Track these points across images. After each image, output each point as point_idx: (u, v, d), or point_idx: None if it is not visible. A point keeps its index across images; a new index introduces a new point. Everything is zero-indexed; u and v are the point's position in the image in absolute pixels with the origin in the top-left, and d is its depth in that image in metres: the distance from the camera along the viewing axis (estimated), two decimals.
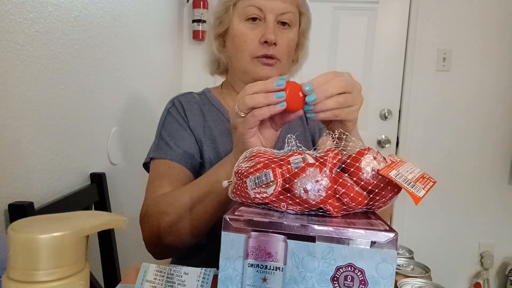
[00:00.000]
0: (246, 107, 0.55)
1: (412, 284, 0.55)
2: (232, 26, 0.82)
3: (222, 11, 0.83)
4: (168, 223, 0.68)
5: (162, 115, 0.87)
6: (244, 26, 0.80)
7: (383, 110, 2.18)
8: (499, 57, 2.08)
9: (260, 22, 0.79)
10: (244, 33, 0.79)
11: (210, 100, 0.89)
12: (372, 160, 0.46)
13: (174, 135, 0.82)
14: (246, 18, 0.79)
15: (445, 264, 2.20)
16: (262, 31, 0.78)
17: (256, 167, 0.47)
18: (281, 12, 0.79)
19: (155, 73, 1.77)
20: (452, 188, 2.14)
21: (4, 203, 0.83)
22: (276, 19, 0.79)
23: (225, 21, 0.83)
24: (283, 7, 0.78)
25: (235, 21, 0.81)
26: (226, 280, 0.42)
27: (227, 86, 0.92)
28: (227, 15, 0.82)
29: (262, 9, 0.78)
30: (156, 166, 0.80)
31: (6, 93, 0.82)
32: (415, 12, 2.09)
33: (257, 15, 0.79)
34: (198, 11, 2.08)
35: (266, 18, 0.78)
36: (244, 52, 0.80)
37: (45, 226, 0.29)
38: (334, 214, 0.45)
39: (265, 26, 0.78)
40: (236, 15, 0.81)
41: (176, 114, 0.85)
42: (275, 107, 0.54)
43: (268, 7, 0.78)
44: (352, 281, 0.40)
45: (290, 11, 0.80)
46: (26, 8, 0.87)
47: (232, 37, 0.82)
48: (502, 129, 2.12)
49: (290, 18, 0.80)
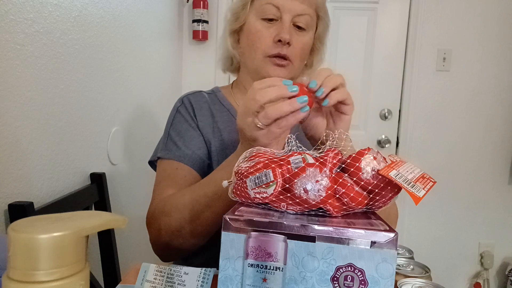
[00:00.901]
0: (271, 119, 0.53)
1: (412, 284, 0.55)
2: (248, 23, 0.81)
3: (239, 7, 0.83)
4: (175, 227, 0.68)
5: (171, 114, 0.86)
6: (260, 23, 0.79)
7: (383, 110, 2.18)
8: (499, 57, 2.08)
9: (276, 22, 0.79)
10: (259, 30, 0.79)
11: (219, 99, 0.88)
12: (372, 160, 0.46)
13: (182, 135, 0.81)
14: (262, 17, 0.79)
15: (445, 264, 2.20)
16: (277, 30, 0.78)
17: (256, 167, 0.47)
18: (298, 13, 0.78)
19: (155, 73, 1.77)
20: (452, 188, 2.15)
21: (4, 203, 0.83)
22: (292, 20, 0.78)
23: (241, 17, 0.82)
24: (301, 8, 0.78)
25: (252, 18, 0.80)
26: (226, 280, 0.42)
27: (238, 85, 0.91)
28: (244, 11, 0.81)
29: (279, 8, 0.77)
30: (164, 167, 0.80)
31: (6, 93, 0.82)
32: (415, 12, 2.09)
33: (274, 15, 0.78)
34: (198, 11, 2.08)
35: (283, 18, 0.78)
36: (258, 50, 0.79)
37: (45, 226, 0.29)
38: (334, 214, 0.45)
39: (281, 26, 0.78)
40: (253, 12, 0.80)
41: (185, 113, 0.84)
42: (299, 113, 0.53)
43: (286, 6, 0.77)
44: (352, 281, 0.40)
45: (308, 14, 0.79)
46: (26, 8, 0.87)
47: (247, 34, 0.81)
48: (502, 129, 2.12)
49: (307, 21, 0.79)
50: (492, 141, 2.13)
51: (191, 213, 0.66)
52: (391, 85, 2.17)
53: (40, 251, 0.28)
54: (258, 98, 0.53)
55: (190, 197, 0.68)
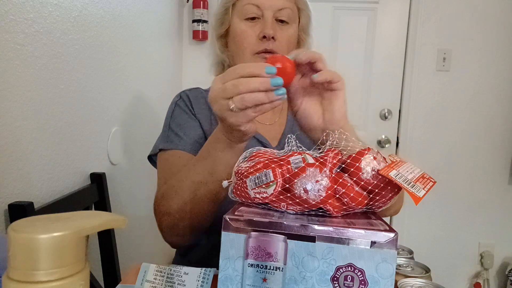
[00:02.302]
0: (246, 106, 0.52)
1: (412, 284, 0.55)
2: (232, 25, 0.84)
3: (222, 12, 0.86)
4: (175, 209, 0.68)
5: (170, 108, 0.88)
6: (244, 24, 0.82)
7: (383, 110, 2.18)
8: (498, 57, 2.08)
9: (259, 20, 0.81)
10: (244, 30, 0.82)
11: None
12: (372, 160, 0.46)
13: (183, 126, 0.83)
14: (245, 17, 0.82)
15: (445, 264, 2.20)
16: (260, 28, 0.80)
17: (256, 167, 0.47)
18: (278, 8, 0.81)
19: (155, 73, 1.77)
20: (452, 188, 2.15)
21: (4, 203, 0.83)
22: (274, 16, 0.81)
23: (225, 21, 0.85)
24: (280, 3, 0.80)
25: (235, 21, 0.83)
26: (226, 280, 0.42)
27: None
28: (227, 15, 0.85)
29: (259, 6, 0.80)
30: (166, 157, 0.81)
31: (6, 93, 0.82)
32: (415, 12, 2.09)
33: (255, 13, 0.81)
34: (198, 11, 2.08)
35: (264, 15, 0.80)
36: (245, 50, 0.82)
37: (45, 226, 0.29)
38: (334, 214, 0.45)
39: (263, 23, 0.80)
40: (235, 14, 0.83)
41: (183, 106, 0.86)
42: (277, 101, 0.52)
43: (265, 4, 0.80)
44: (352, 281, 0.40)
45: (288, 7, 0.82)
46: (26, 8, 0.87)
47: (233, 36, 0.84)
48: (502, 129, 2.12)
49: (288, 14, 0.82)
50: (492, 141, 2.13)
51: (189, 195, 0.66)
52: (391, 85, 2.17)
53: (40, 251, 0.28)
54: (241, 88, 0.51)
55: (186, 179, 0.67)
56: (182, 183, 0.68)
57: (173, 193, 0.68)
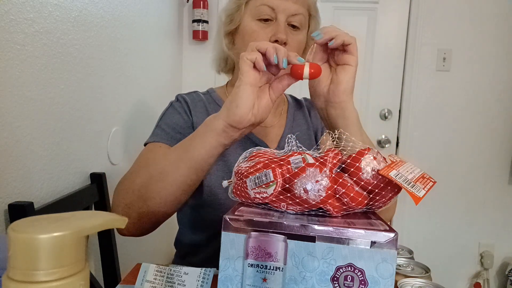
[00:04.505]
0: (252, 49, 0.59)
1: (412, 284, 0.55)
2: (243, 24, 0.82)
3: (233, 9, 0.84)
4: (138, 183, 0.66)
5: (164, 109, 0.87)
6: (255, 24, 0.81)
7: (383, 110, 2.18)
8: (499, 57, 2.08)
9: (271, 22, 0.80)
10: (255, 31, 0.80)
11: (214, 99, 0.89)
12: (372, 160, 0.46)
13: (172, 124, 0.81)
14: (258, 18, 0.80)
15: (445, 264, 2.20)
16: (273, 31, 0.79)
17: (256, 167, 0.47)
18: (293, 13, 0.79)
19: (155, 73, 1.77)
20: (452, 188, 2.15)
21: (4, 203, 0.83)
22: (287, 20, 0.80)
23: (236, 19, 0.83)
24: (294, 8, 0.79)
25: (247, 19, 0.82)
26: (226, 280, 0.42)
27: (232, 84, 0.92)
28: (239, 13, 0.83)
29: (274, 9, 0.79)
30: (148, 148, 0.79)
31: (6, 93, 0.82)
32: (415, 12, 2.09)
33: (269, 15, 0.79)
34: (198, 11, 2.08)
35: (278, 18, 0.79)
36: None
37: (45, 226, 0.29)
38: (334, 214, 0.45)
39: (276, 26, 0.79)
40: (248, 13, 0.82)
41: (179, 108, 0.84)
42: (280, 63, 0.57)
43: (280, 7, 0.79)
44: (352, 281, 0.40)
45: (301, 13, 0.81)
46: (26, 8, 0.87)
47: (243, 35, 0.82)
48: (502, 129, 2.12)
49: (301, 20, 0.81)
50: (492, 141, 2.13)
51: (156, 173, 0.65)
52: (391, 85, 2.17)
53: (40, 251, 0.28)
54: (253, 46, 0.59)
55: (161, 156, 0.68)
56: (155, 161, 0.68)
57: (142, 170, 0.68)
